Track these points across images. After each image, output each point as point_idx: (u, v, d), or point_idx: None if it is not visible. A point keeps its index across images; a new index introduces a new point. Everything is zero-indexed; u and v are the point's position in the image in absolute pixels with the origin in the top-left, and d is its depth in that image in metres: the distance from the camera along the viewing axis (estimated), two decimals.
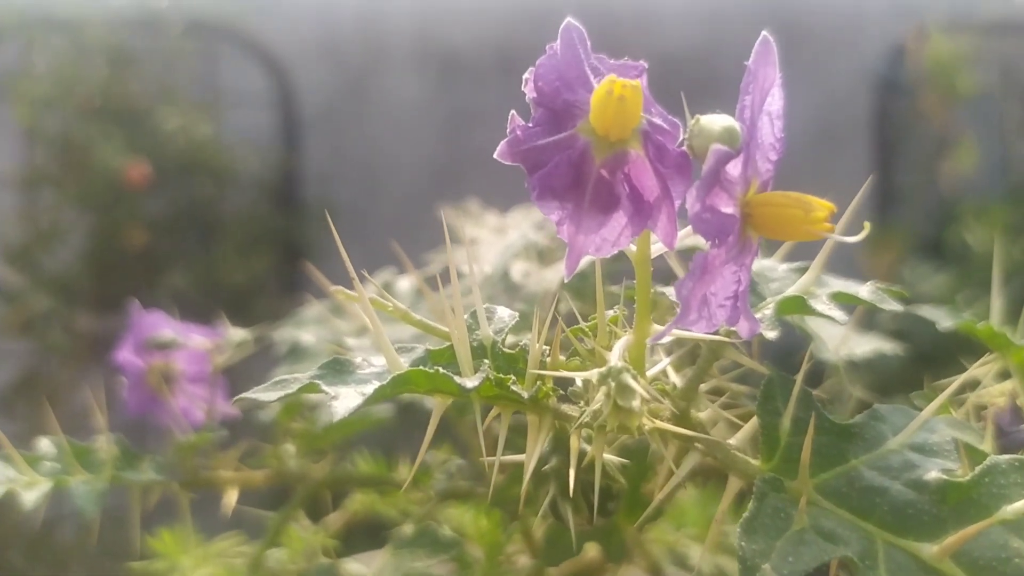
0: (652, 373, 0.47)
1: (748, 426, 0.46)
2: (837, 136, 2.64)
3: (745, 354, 0.50)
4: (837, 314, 0.45)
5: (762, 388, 0.45)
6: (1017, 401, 0.52)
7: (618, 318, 0.46)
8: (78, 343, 2.46)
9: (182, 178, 2.68)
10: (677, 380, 0.48)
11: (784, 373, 0.46)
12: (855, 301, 0.47)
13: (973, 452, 0.46)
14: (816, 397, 0.45)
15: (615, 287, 0.51)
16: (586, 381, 0.43)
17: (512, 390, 0.43)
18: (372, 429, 0.78)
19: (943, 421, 0.45)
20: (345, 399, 0.40)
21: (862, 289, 0.48)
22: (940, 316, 0.56)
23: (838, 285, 0.48)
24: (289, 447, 0.74)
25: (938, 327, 0.55)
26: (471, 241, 0.80)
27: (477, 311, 0.46)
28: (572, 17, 0.39)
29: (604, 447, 0.43)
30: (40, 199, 2.61)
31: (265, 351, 0.80)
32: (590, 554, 0.66)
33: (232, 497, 0.71)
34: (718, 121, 0.38)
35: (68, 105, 2.54)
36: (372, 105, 2.85)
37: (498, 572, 0.68)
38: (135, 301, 0.77)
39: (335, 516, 0.78)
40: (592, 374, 0.41)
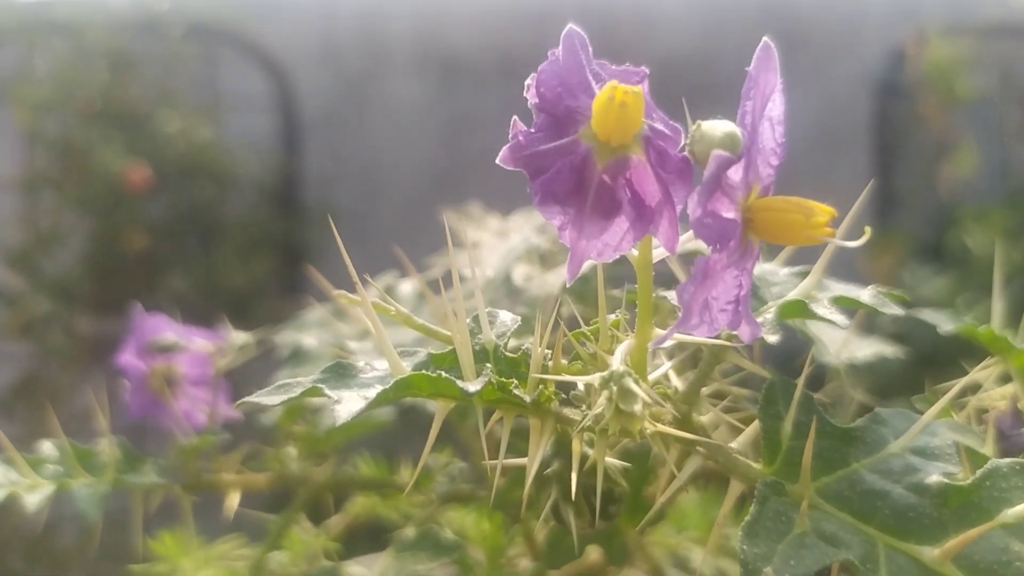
0: (654, 377, 0.47)
1: (750, 430, 0.46)
2: (837, 140, 2.65)
3: (746, 358, 0.50)
4: (838, 318, 0.45)
5: (764, 392, 0.45)
6: (1018, 405, 0.52)
7: (620, 322, 0.47)
8: (78, 346, 2.46)
9: (182, 181, 2.68)
10: (679, 384, 0.49)
11: (785, 377, 0.46)
12: (856, 305, 0.47)
13: (974, 456, 0.46)
14: (817, 401, 0.46)
15: (616, 291, 0.51)
16: (588, 385, 0.43)
17: (514, 394, 0.43)
18: (373, 432, 0.79)
19: (944, 425, 0.45)
20: (348, 403, 0.40)
21: (863, 293, 0.48)
22: (941, 320, 0.57)
23: (839, 289, 0.48)
24: (291, 450, 0.74)
25: (939, 331, 0.55)
26: (473, 245, 0.80)
27: (479, 315, 0.46)
28: (573, 22, 0.40)
29: (606, 451, 0.43)
30: (41, 202, 2.62)
31: (267, 354, 0.80)
32: (591, 557, 0.66)
33: (234, 500, 0.71)
34: (719, 127, 0.38)
35: (69, 108, 2.54)
36: (372, 109, 2.86)
37: (499, 575, 0.68)
38: (137, 304, 0.77)
39: (336, 519, 0.78)
40: (594, 378, 0.41)
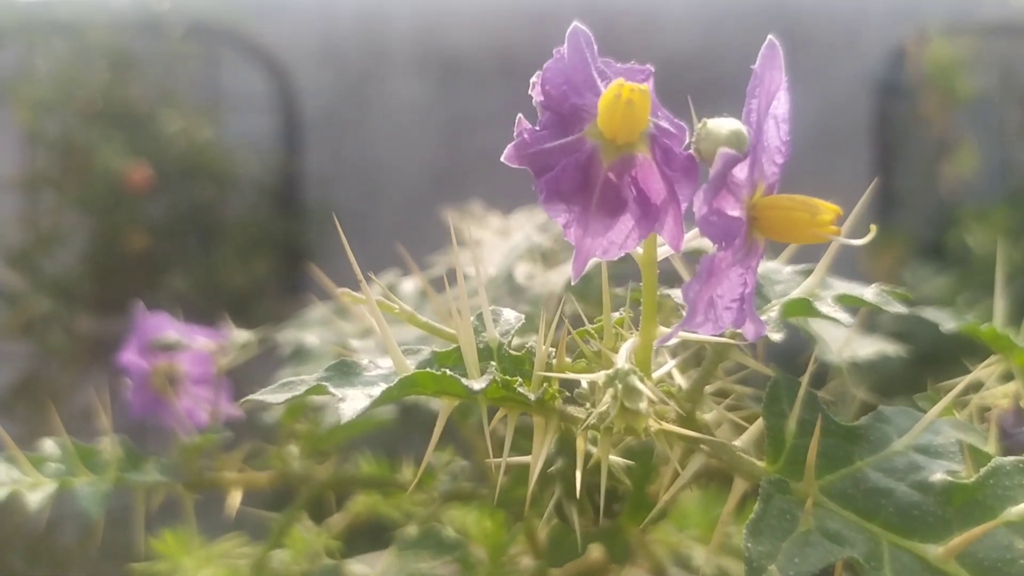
0: (658, 375, 0.47)
1: (753, 428, 0.46)
2: (838, 139, 2.65)
3: (750, 356, 0.50)
4: (842, 316, 0.45)
5: (768, 390, 0.45)
6: (1020, 403, 0.52)
7: (624, 320, 0.47)
8: (79, 346, 2.46)
9: (183, 181, 2.68)
10: (682, 382, 0.49)
11: (789, 375, 0.46)
12: (860, 303, 0.47)
13: (977, 454, 0.46)
14: (820, 399, 0.46)
15: (619, 289, 0.51)
16: (592, 383, 0.43)
17: (519, 392, 0.43)
18: (374, 431, 0.79)
19: (947, 423, 0.45)
20: (352, 401, 0.40)
21: (867, 291, 0.48)
22: (943, 318, 0.57)
23: (843, 287, 0.49)
24: (293, 448, 0.74)
25: (942, 329, 0.55)
26: (475, 243, 0.81)
27: (483, 313, 0.46)
28: (577, 21, 0.40)
29: (610, 449, 0.43)
30: (41, 202, 2.61)
31: (268, 353, 0.80)
32: (593, 555, 0.66)
33: (236, 498, 0.71)
34: (725, 125, 0.38)
35: (69, 108, 2.54)
36: (373, 108, 2.86)
37: (501, 573, 0.68)
38: (139, 303, 0.77)
39: (338, 517, 0.78)
40: (599, 376, 0.41)
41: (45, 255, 2.55)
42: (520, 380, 0.43)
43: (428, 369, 0.42)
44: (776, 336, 0.45)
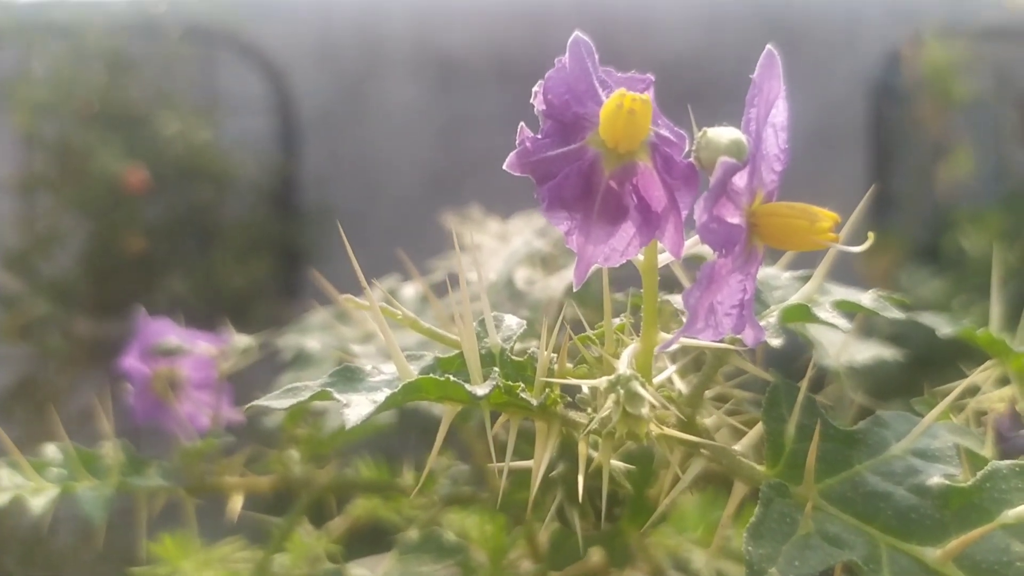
0: (658, 380, 0.47)
1: (753, 432, 0.47)
2: (833, 142, 2.65)
3: (748, 361, 0.51)
4: (841, 322, 0.45)
5: (767, 395, 0.46)
6: (1016, 407, 0.53)
7: (625, 326, 0.47)
8: (76, 348, 2.46)
9: (181, 183, 2.68)
10: (682, 387, 0.49)
11: (788, 380, 0.47)
12: (858, 309, 0.48)
13: (974, 457, 0.47)
14: (818, 403, 0.46)
15: (618, 294, 0.51)
16: (594, 388, 0.44)
17: (521, 398, 0.43)
18: (374, 434, 0.79)
19: (944, 427, 0.45)
20: (357, 407, 0.41)
21: (864, 297, 0.48)
22: (940, 323, 0.57)
23: (841, 293, 0.49)
24: (293, 453, 0.74)
25: (939, 334, 0.56)
26: (476, 248, 0.81)
27: (486, 319, 0.46)
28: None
29: (611, 453, 0.44)
30: (39, 204, 2.61)
31: (269, 357, 0.80)
32: (593, 559, 0.66)
33: (237, 502, 0.71)
34: (725, 134, 0.39)
35: (67, 110, 2.54)
36: (370, 110, 2.86)
37: None
38: (140, 308, 0.77)
39: (337, 521, 0.78)
40: (601, 382, 0.42)
41: (42, 257, 2.55)
42: (523, 386, 0.44)
43: (432, 375, 0.42)
44: (775, 341, 0.46)
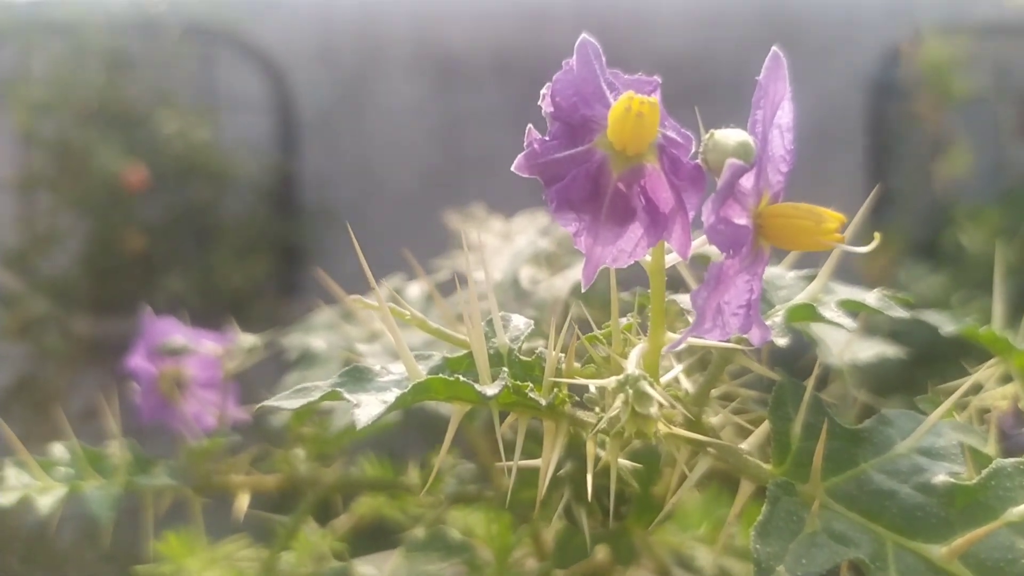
0: (666, 380, 0.48)
1: (759, 431, 0.47)
2: (832, 139, 2.66)
3: (754, 360, 0.51)
4: (846, 321, 0.46)
5: (773, 394, 0.46)
6: (1019, 404, 0.53)
7: (632, 326, 0.47)
8: (75, 347, 2.46)
9: (180, 182, 2.68)
10: (689, 386, 0.49)
11: (794, 379, 0.47)
12: (863, 308, 0.48)
13: (978, 456, 0.47)
14: (824, 402, 0.46)
15: (624, 294, 0.52)
16: (602, 388, 0.44)
17: (530, 397, 0.44)
18: (379, 433, 0.79)
19: (949, 425, 0.46)
20: (367, 407, 0.41)
21: (869, 296, 0.49)
22: (943, 321, 0.58)
23: (845, 292, 0.49)
24: (299, 451, 0.75)
25: (942, 332, 0.56)
26: (480, 247, 0.81)
27: (493, 319, 0.47)
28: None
29: (619, 452, 0.44)
30: (38, 203, 2.61)
31: (275, 357, 0.80)
32: (598, 557, 0.67)
33: (244, 501, 0.72)
34: (732, 136, 0.39)
35: (66, 109, 2.54)
36: (369, 109, 2.86)
37: (508, 575, 0.68)
38: (146, 307, 0.78)
39: (342, 519, 0.78)
40: (609, 381, 0.42)
41: (42, 256, 2.55)
42: (531, 385, 0.44)
43: (441, 375, 0.43)
44: (781, 341, 0.46)
